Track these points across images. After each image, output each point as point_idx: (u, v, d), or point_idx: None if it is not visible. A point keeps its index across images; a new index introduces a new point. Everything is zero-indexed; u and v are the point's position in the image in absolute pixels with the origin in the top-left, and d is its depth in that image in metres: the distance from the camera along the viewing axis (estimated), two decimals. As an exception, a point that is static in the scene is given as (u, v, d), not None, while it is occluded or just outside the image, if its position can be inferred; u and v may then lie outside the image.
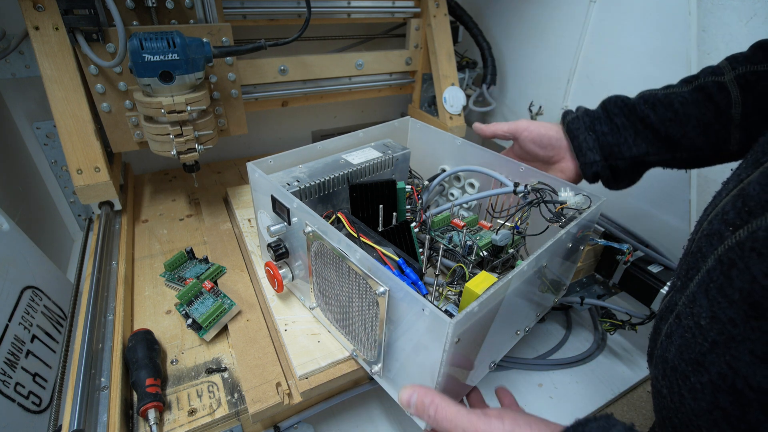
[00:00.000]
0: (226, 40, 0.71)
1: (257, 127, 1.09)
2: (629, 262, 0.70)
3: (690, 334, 0.34)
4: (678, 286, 0.39)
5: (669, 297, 0.40)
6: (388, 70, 1.02)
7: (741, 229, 0.31)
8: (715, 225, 0.35)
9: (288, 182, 0.56)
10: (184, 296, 0.56)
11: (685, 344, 0.35)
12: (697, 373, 0.33)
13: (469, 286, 0.43)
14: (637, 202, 0.86)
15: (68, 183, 0.89)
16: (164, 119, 0.62)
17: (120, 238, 0.69)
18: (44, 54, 0.62)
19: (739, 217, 0.32)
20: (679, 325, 0.36)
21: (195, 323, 0.54)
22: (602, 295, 0.75)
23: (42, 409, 0.57)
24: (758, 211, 0.30)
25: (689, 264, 0.37)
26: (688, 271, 0.37)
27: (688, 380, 0.34)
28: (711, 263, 0.34)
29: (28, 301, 0.61)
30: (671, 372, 0.36)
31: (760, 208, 0.30)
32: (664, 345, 0.38)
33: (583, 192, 0.54)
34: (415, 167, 0.73)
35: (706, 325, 0.33)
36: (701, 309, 0.34)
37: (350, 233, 0.47)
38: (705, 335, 0.33)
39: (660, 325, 0.40)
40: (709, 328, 0.32)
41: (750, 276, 0.29)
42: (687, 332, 0.35)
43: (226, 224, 0.78)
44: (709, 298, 0.33)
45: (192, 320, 0.54)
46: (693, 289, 0.35)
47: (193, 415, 0.46)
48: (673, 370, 0.36)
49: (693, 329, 0.34)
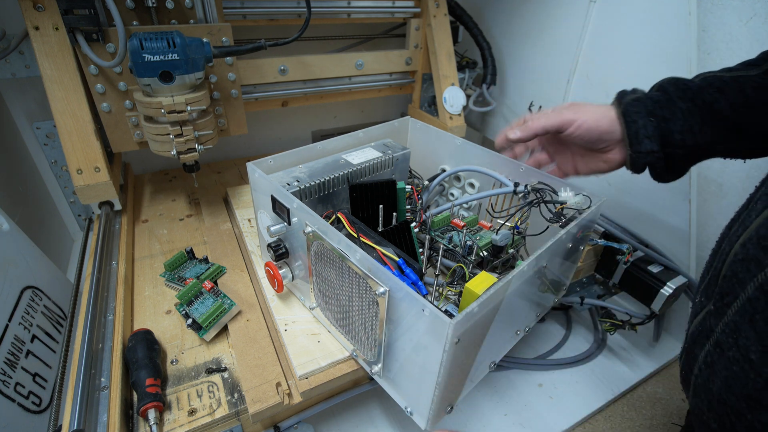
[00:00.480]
0: (226, 40, 0.71)
1: (257, 127, 1.09)
2: (629, 262, 0.70)
3: (738, 367, 0.33)
4: (712, 310, 0.37)
5: (701, 320, 0.39)
6: (388, 70, 1.02)
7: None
8: (751, 250, 0.33)
9: (288, 182, 0.56)
10: (184, 296, 0.56)
11: (734, 378, 0.33)
12: (754, 411, 0.32)
13: (469, 286, 0.43)
14: (636, 202, 0.86)
15: (68, 183, 0.89)
16: (164, 119, 0.62)
17: (120, 238, 0.69)
18: (44, 54, 0.62)
19: None
20: (722, 356, 0.35)
21: (195, 323, 0.54)
22: (602, 295, 0.75)
23: (42, 409, 0.57)
24: None
25: (724, 289, 0.36)
26: (723, 297, 0.36)
27: (744, 417, 0.33)
28: (751, 292, 0.32)
29: (28, 301, 0.61)
30: (719, 405, 0.35)
31: None
32: (705, 374, 0.37)
33: (583, 192, 0.54)
34: (415, 167, 0.73)
35: (758, 360, 0.31)
36: (749, 342, 0.32)
37: (350, 233, 0.47)
38: (758, 371, 0.31)
39: (695, 350, 0.39)
40: (761, 363, 0.31)
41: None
42: (734, 365, 0.33)
43: (226, 224, 0.78)
44: (757, 331, 0.32)
45: (192, 320, 0.54)
46: (733, 318, 0.34)
47: (193, 415, 0.46)
48: (721, 404, 0.34)
49: (741, 362, 0.33)
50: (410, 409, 0.45)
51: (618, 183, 0.89)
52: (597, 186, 0.94)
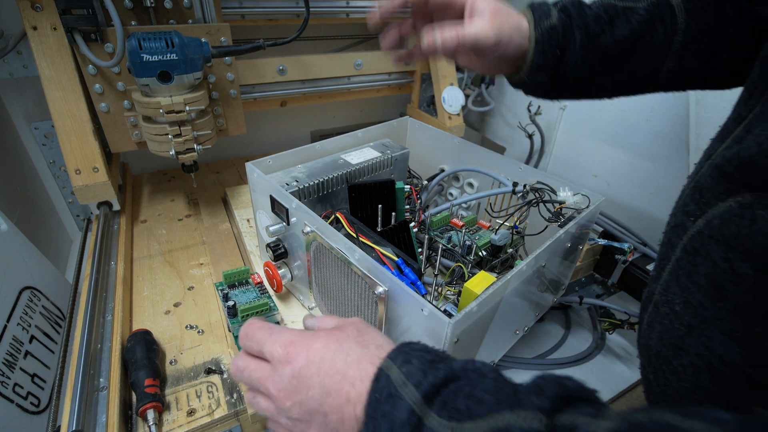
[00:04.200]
0: (224, 40, 0.71)
1: (256, 127, 1.09)
2: (628, 261, 0.70)
3: (668, 320, 0.36)
4: (654, 276, 0.41)
5: (647, 288, 0.42)
6: (386, 69, 1.02)
7: (699, 219, 0.34)
8: (678, 217, 0.37)
9: (287, 182, 0.56)
10: (231, 277, 0.55)
11: (665, 331, 0.37)
12: (677, 357, 0.35)
13: (468, 285, 0.43)
14: (636, 201, 0.86)
15: (67, 183, 0.88)
16: (163, 119, 0.62)
17: (119, 238, 0.69)
18: (42, 54, 0.62)
19: (698, 208, 0.34)
20: (657, 313, 0.38)
21: (233, 309, 0.53)
22: (601, 294, 0.75)
23: (41, 410, 0.57)
24: (712, 201, 0.33)
25: (661, 255, 0.40)
26: (660, 262, 0.40)
27: (670, 364, 0.36)
28: (678, 253, 0.36)
29: (27, 301, 0.61)
30: (655, 358, 0.38)
31: (714, 199, 0.32)
32: (646, 333, 0.40)
33: (582, 192, 0.54)
34: (414, 167, 0.73)
35: (681, 310, 0.35)
36: (674, 296, 0.36)
37: (349, 233, 0.47)
38: (681, 320, 0.35)
39: (642, 316, 0.42)
40: (683, 313, 0.35)
41: (711, 261, 0.32)
42: (665, 319, 0.37)
43: (225, 224, 0.78)
44: (680, 286, 0.35)
45: (233, 304, 0.53)
46: (665, 278, 0.38)
47: (192, 416, 0.46)
48: (656, 357, 0.38)
49: (670, 316, 0.36)
50: (409, 408, 0.45)
51: (618, 183, 0.90)
52: (597, 186, 0.94)
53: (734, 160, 0.31)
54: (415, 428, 0.24)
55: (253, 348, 0.34)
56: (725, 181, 0.32)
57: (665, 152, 0.80)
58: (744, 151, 0.30)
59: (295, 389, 0.31)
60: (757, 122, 0.31)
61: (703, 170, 0.36)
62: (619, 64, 0.48)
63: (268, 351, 0.33)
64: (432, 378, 0.26)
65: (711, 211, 0.33)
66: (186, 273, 0.67)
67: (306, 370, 0.31)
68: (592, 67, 0.48)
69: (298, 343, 0.32)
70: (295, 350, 0.32)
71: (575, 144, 0.98)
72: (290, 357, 0.32)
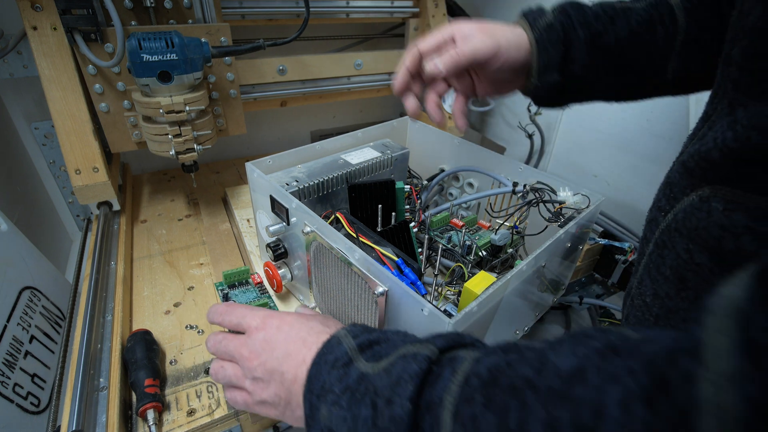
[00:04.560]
0: (224, 40, 0.71)
1: (256, 127, 1.09)
2: (628, 261, 0.70)
3: (640, 312, 0.38)
4: (633, 271, 0.42)
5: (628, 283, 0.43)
6: (386, 70, 1.02)
7: (669, 213, 0.35)
8: (653, 212, 0.39)
9: (287, 182, 0.56)
10: (231, 277, 0.54)
11: (638, 322, 0.39)
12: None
13: (468, 285, 0.43)
14: (636, 201, 0.86)
15: (66, 183, 0.88)
16: (163, 119, 0.62)
17: (119, 238, 0.69)
18: (42, 54, 0.62)
19: (668, 203, 0.36)
20: (633, 306, 0.40)
21: None
22: (601, 294, 0.75)
23: (41, 410, 0.57)
24: (679, 195, 0.34)
25: (639, 250, 0.41)
26: (639, 257, 0.41)
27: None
28: (651, 247, 0.37)
29: (27, 301, 0.61)
30: None
31: (680, 194, 0.34)
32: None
33: (582, 192, 0.54)
34: (414, 167, 0.73)
35: (650, 302, 0.37)
36: (646, 288, 0.37)
37: (349, 233, 0.47)
38: (650, 311, 0.37)
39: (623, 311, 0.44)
40: (652, 304, 0.36)
41: (675, 253, 0.33)
42: (638, 311, 0.39)
43: (225, 224, 0.78)
44: (651, 278, 0.37)
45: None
46: (640, 272, 0.39)
47: (192, 416, 0.46)
48: None
49: (642, 308, 0.38)
50: (409, 408, 0.45)
51: (618, 182, 0.90)
52: (596, 185, 0.94)
53: (696, 156, 0.32)
54: (345, 366, 0.30)
55: (231, 321, 0.40)
56: (689, 176, 0.33)
57: (665, 152, 0.80)
58: (703, 147, 0.31)
59: (262, 350, 0.36)
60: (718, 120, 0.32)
61: (673, 167, 0.37)
62: (624, 65, 0.48)
63: (247, 322, 0.39)
64: (368, 336, 0.32)
65: (678, 205, 0.34)
66: (186, 273, 0.67)
67: (276, 335, 0.36)
68: (598, 67, 0.48)
69: (273, 315, 0.39)
70: (271, 320, 0.38)
71: (575, 144, 0.98)
72: (266, 325, 0.38)
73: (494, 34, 0.47)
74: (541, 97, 0.50)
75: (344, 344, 0.32)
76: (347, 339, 0.32)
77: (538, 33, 0.47)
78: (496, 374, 0.23)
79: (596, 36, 0.47)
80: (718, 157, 0.30)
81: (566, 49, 0.46)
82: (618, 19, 0.47)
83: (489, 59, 0.46)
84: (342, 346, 0.32)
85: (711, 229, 0.30)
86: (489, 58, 0.46)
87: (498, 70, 0.48)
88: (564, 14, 0.47)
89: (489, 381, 0.23)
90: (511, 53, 0.47)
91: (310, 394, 0.31)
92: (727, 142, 0.29)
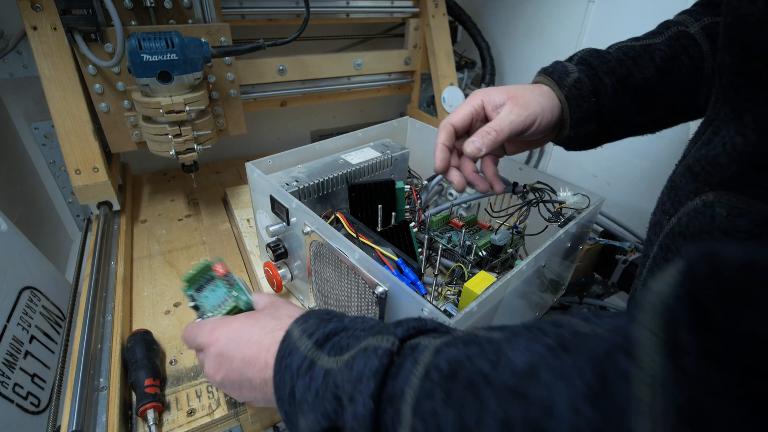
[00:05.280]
0: (224, 40, 0.71)
1: (256, 127, 1.09)
2: (628, 261, 0.70)
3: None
4: (637, 273, 0.42)
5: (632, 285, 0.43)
6: (386, 70, 1.02)
7: (673, 217, 0.35)
8: (657, 215, 0.39)
9: (287, 182, 0.56)
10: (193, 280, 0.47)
11: None
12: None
13: (468, 285, 0.43)
14: (636, 201, 0.86)
15: (66, 183, 0.88)
16: (163, 119, 0.62)
17: (119, 238, 0.69)
18: (42, 54, 0.62)
19: (672, 207, 0.36)
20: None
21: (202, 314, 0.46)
22: (601, 294, 0.75)
23: (41, 410, 0.57)
24: (684, 200, 0.34)
25: (643, 252, 0.41)
26: (642, 259, 0.41)
27: None
28: (655, 249, 0.37)
29: (27, 301, 0.61)
30: None
31: (685, 198, 0.34)
32: None
33: (581, 192, 0.54)
34: (414, 167, 0.73)
35: None
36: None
37: (349, 233, 0.47)
38: None
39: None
40: None
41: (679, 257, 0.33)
42: None
43: (225, 224, 0.78)
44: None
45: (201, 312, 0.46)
46: (645, 274, 0.39)
47: (192, 416, 0.46)
48: None
49: None
50: (409, 408, 0.45)
51: (618, 182, 0.90)
52: (596, 185, 0.94)
53: (702, 160, 0.32)
54: (308, 370, 0.29)
55: (192, 347, 0.41)
56: (694, 181, 0.33)
57: (665, 152, 0.80)
58: (711, 151, 0.31)
59: (220, 365, 0.36)
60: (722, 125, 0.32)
61: (677, 170, 0.37)
62: (654, 101, 0.48)
63: (198, 342, 0.39)
64: (323, 330, 0.31)
65: (682, 209, 0.34)
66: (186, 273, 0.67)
67: (228, 346, 0.36)
68: (628, 108, 0.48)
69: (219, 326, 0.38)
70: (218, 333, 0.37)
71: (575, 144, 0.98)
72: (213, 339, 0.37)
73: (528, 105, 0.47)
74: (574, 145, 0.51)
75: (301, 348, 0.31)
76: (302, 341, 0.31)
77: (567, 90, 0.47)
78: (455, 368, 0.23)
79: (622, 80, 0.47)
80: (726, 162, 0.30)
81: (596, 100, 0.47)
82: (640, 59, 0.47)
83: (527, 128, 0.47)
84: (299, 351, 0.31)
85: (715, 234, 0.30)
86: (527, 126, 0.47)
87: (532, 134, 0.48)
88: (587, 65, 0.48)
89: (449, 375, 0.23)
90: (546, 117, 0.47)
91: (281, 402, 0.31)
92: (737, 147, 0.29)
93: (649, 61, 0.47)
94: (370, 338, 0.28)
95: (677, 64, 0.47)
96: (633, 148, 0.85)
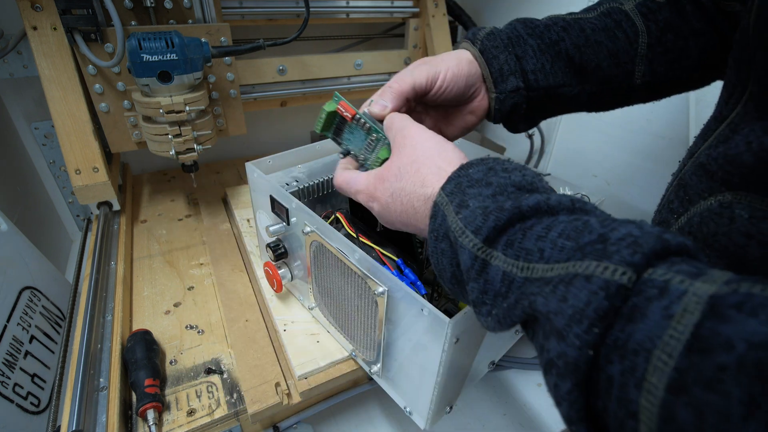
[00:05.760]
0: (224, 40, 0.71)
1: (256, 127, 1.09)
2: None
3: None
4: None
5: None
6: (386, 70, 1.02)
7: (682, 216, 0.34)
8: (663, 214, 0.38)
9: (287, 182, 0.56)
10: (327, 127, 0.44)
11: None
12: None
13: (468, 285, 0.43)
14: (636, 201, 0.86)
15: (66, 183, 0.88)
16: (163, 119, 0.62)
17: (119, 238, 0.69)
18: (42, 54, 0.62)
19: (681, 206, 0.35)
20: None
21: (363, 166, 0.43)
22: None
23: (41, 410, 0.57)
24: (695, 199, 0.33)
25: None
26: None
27: None
28: None
29: (27, 301, 0.61)
30: None
31: (696, 197, 0.33)
32: None
33: (581, 192, 0.54)
34: (414, 167, 0.73)
35: None
36: None
37: (349, 233, 0.47)
38: None
39: None
40: None
41: None
42: None
43: (225, 224, 0.78)
44: None
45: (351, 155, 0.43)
46: None
47: (192, 416, 0.46)
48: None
49: None
50: (409, 408, 0.45)
51: (617, 182, 0.90)
52: (596, 185, 0.94)
53: (720, 159, 0.31)
54: (480, 271, 0.25)
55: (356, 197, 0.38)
56: (708, 179, 0.32)
57: (665, 152, 0.80)
58: (731, 150, 0.30)
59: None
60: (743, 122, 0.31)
61: (687, 168, 0.36)
62: (585, 69, 0.46)
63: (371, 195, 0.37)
64: (494, 219, 0.25)
65: (693, 208, 0.33)
66: (186, 273, 0.67)
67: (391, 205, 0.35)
68: (556, 74, 0.46)
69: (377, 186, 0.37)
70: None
71: (575, 144, 0.98)
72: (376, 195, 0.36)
73: (429, 62, 0.44)
74: (508, 114, 0.47)
75: (466, 248, 0.26)
76: (465, 237, 0.26)
77: (480, 43, 0.45)
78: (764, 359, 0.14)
79: (551, 44, 0.45)
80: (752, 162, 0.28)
81: (518, 58, 0.44)
82: (571, 29, 0.46)
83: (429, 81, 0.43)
84: (465, 250, 0.26)
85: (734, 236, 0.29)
86: (431, 82, 0.43)
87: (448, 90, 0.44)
88: (509, 26, 0.46)
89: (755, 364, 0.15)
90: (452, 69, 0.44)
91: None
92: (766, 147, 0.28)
93: (580, 31, 0.46)
94: (590, 263, 0.20)
95: (610, 36, 0.46)
96: (633, 148, 0.85)
